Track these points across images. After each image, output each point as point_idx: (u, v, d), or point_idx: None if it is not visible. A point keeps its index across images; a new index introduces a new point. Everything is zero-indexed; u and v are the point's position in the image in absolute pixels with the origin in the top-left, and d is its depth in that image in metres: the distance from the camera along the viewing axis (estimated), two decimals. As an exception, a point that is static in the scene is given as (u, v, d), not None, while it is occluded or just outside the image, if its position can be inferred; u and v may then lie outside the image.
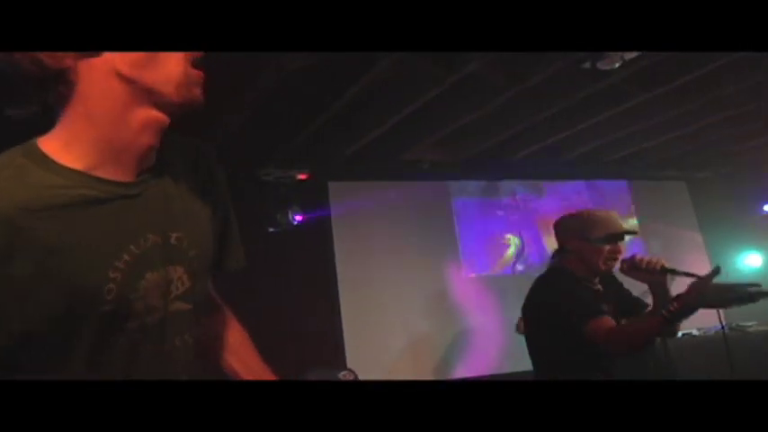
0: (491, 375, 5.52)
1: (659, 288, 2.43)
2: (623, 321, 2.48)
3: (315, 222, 5.28)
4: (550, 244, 6.02)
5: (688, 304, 2.13)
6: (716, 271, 2.15)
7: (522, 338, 4.58)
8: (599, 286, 2.56)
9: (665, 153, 6.00)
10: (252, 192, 4.94)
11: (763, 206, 6.79)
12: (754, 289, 2.06)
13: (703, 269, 6.44)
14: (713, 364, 3.93)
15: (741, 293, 2.07)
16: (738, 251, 6.80)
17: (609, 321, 2.28)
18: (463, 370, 5.53)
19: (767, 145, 5.95)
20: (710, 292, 2.13)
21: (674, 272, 2.39)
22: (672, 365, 2.72)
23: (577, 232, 2.50)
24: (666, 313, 2.15)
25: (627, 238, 2.55)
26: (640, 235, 6.43)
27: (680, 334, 4.26)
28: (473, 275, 5.87)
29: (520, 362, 5.17)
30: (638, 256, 2.42)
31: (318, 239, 5.40)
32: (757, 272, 6.65)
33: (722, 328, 4.38)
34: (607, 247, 2.46)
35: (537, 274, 4.51)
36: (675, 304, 2.15)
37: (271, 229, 5.06)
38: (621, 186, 6.72)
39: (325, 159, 5.11)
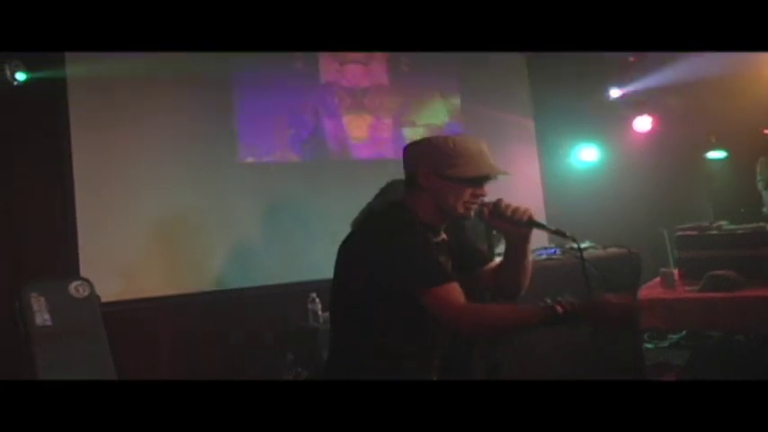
0: (270, 285, 6.00)
1: (520, 241, 2.58)
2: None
3: (44, 84, 5.27)
4: (352, 128, 6.47)
5: (593, 315, 2.33)
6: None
7: (308, 247, 5.07)
8: (444, 236, 2.64)
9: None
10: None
11: (608, 90, 7.56)
12: None
13: (531, 162, 7.26)
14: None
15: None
16: (573, 143, 7.63)
17: (456, 291, 2.36)
18: (234, 281, 5.99)
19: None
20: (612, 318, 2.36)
21: (542, 227, 2.55)
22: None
23: (436, 166, 2.51)
24: (551, 313, 2.29)
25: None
26: (463, 118, 7.03)
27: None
28: (250, 160, 6.21)
29: (299, 273, 5.75)
30: (504, 203, 2.52)
31: (48, 107, 5.44)
32: (591, 167, 7.56)
33: (554, 251, 5.03)
34: (470, 190, 2.51)
35: (332, 163, 4.83)
36: (567, 307, 2.29)
37: (-20, 91, 5.01)
38: (450, 57, 7.18)
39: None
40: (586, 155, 7.68)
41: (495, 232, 2.89)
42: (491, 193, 2.58)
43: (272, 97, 6.34)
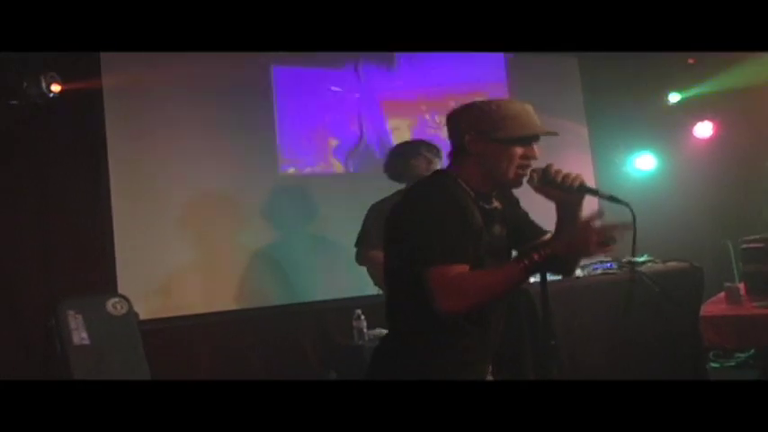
0: (313, 302, 5.97)
1: (571, 210, 2.57)
2: (512, 253, 2.70)
3: (80, 95, 5.27)
4: (397, 134, 6.42)
5: (560, 253, 2.35)
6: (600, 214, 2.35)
7: (353, 262, 5.02)
8: (497, 203, 2.65)
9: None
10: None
11: (667, 95, 7.42)
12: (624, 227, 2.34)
13: (585, 171, 7.19)
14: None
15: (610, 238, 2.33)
16: (629, 150, 7.51)
17: (458, 271, 2.36)
18: (275, 297, 5.96)
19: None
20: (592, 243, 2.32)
21: (596, 193, 2.55)
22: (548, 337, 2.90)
23: (483, 130, 2.53)
24: (528, 263, 2.32)
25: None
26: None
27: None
28: (291, 171, 6.19)
29: (344, 289, 5.70)
30: (554, 168, 2.51)
31: (84, 119, 5.43)
32: (648, 176, 7.42)
33: (610, 266, 4.94)
34: (520, 151, 2.51)
35: (378, 174, 4.88)
36: (542, 252, 2.32)
37: (13, 102, 5.03)
38: (497, 61, 7.11)
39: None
40: (643, 163, 7.54)
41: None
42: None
43: (314, 106, 6.31)
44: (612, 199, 2.48)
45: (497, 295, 2.47)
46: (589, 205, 2.55)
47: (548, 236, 2.70)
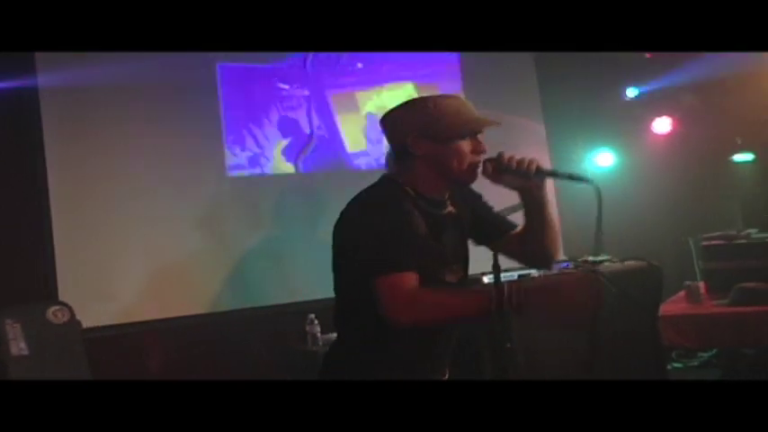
0: (265, 307, 5.88)
1: (534, 195, 2.51)
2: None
3: (14, 94, 5.14)
4: (348, 132, 6.34)
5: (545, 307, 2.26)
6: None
7: (306, 265, 4.95)
8: (450, 208, 2.57)
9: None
10: None
11: (625, 91, 7.43)
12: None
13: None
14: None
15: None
16: (587, 147, 7.49)
17: (405, 280, 2.29)
18: (226, 302, 5.84)
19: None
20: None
21: (555, 174, 2.55)
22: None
23: (425, 130, 2.46)
24: (496, 304, 2.20)
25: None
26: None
27: (515, 275, 4.70)
28: (241, 173, 6.06)
29: (297, 293, 5.62)
30: (507, 155, 2.45)
31: (19, 120, 5.32)
32: (607, 173, 7.41)
33: (566, 265, 4.92)
34: (468, 146, 2.46)
35: (330, 174, 4.73)
36: (520, 297, 2.20)
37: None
38: (451, 57, 7.05)
39: None
40: (602, 160, 7.53)
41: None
42: (498, 192, 2.56)
43: (262, 105, 6.19)
44: (573, 177, 2.47)
45: (455, 319, 2.40)
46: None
47: (518, 228, 2.64)
